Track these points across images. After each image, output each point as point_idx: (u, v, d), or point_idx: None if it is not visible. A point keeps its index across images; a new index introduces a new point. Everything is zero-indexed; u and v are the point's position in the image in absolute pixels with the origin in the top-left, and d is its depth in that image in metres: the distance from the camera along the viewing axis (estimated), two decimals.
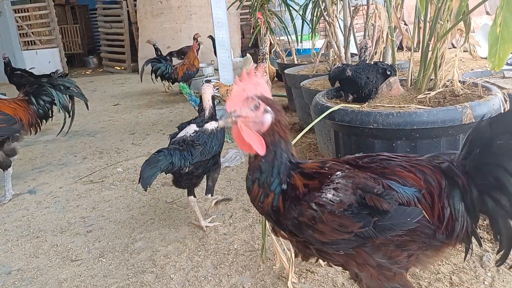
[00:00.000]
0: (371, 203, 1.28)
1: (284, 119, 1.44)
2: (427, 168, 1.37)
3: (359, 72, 2.66)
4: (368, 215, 1.29)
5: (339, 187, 1.32)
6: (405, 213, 1.29)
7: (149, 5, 10.79)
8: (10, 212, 3.26)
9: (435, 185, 1.34)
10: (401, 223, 1.29)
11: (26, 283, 2.32)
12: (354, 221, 1.29)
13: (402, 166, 1.37)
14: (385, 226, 1.29)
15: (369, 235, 1.30)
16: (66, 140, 5.23)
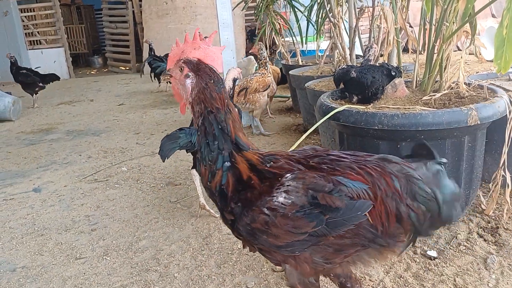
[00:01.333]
0: (323, 202, 1.29)
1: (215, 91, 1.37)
2: (375, 171, 1.38)
3: (364, 73, 2.66)
4: (320, 213, 1.29)
5: (290, 190, 1.31)
6: (355, 207, 1.30)
7: (154, 5, 10.82)
8: (15, 210, 3.27)
9: (383, 188, 1.35)
10: (352, 217, 1.30)
11: (31, 280, 2.33)
12: (307, 221, 1.29)
13: (351, 168, 1.37)
14: (337, 222, 1.30)
15: (323, 233, 1.30)
16: (71, 139, 5.25)
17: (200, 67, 1.38)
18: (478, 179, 2.51)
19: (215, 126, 1.37)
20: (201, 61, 1.39)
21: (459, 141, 2.28)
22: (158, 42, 10.52)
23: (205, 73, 1.38)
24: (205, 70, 1.38)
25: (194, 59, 1.39)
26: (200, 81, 1.37)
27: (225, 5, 4.94)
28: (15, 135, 5.72)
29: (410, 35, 3.10)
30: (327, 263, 1.37)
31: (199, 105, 1.38)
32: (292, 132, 4.77)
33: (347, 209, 1.29)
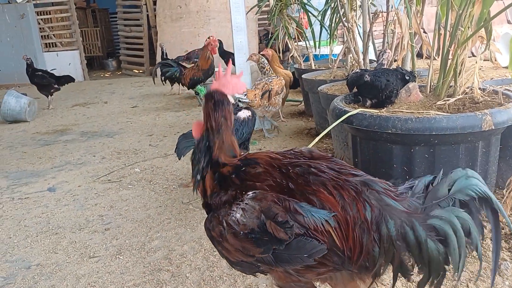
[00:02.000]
0: (270, 230, 1.26)
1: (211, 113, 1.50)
2: (349, 194, 1.29)
3: (378, 76, 2.67)
4: (268, 242, 1.27)
5: (246, 209, 1.30)
6: (305, 247, 1.23)
7: (168, 9, 10.91)
8: (30, 209, 3.32)
9: (353, 214, 1.26)
10: (297, 257, 1.24)
11: (45, 278, 2.36)
12: (255, 245, 1.29)
13: (325, 186, 1.30)
14: (282, 257, 1.27)
15: (269, 262, 1.28)
16: (85, 140, 5.32)
17: (209, 93, 1.55)
18: (492, 185, 2.49)
19: (204, 142, 1.51)
20: (214, 89, 1.55)
21: (473, 146, 2.27)
22: (171, 45, 10.60)
23: (209, 97, 1.53)
24: (211, 94, 1.54)
25: (212, 89, 1.57)
26: (205, 104, 1.54)
27: (239, 9, 4.97)
28: (31, 136, 5.80)
29: (425, 40, 3.10)
30: (300, 277, 1.35)
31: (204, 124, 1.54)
32: (304, 136, 4.77)
33: (296, 246, 1.24)
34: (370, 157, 2.51)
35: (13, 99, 6.57)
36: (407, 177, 2.32)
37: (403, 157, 2.34)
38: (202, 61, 6.89)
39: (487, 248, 2.28)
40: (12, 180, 4.03)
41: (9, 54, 11.01)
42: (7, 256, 2.64)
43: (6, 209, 3.34)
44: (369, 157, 2.51)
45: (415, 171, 2.32)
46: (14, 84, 10.58)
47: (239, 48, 5.10)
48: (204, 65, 6.84)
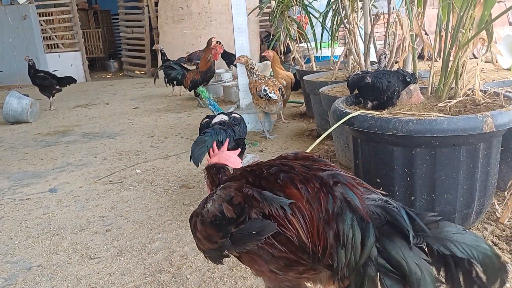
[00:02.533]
0: (225, 212, 1.32)
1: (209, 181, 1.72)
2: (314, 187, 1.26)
3: (379, 77, 2.66)
4: (228, 225, 1.31)
5: (215, 198, 1.38)
6: (255, 226, 1.26)
7: (170, 11, 10.94)
8: (31, 209, 3.33)
9: (316, 206, 1.23)
10: (248, 236, 1.27)
11: (46, 279, 2.37)
12: (216, 230, 1.35)
13: (292, 181, 1.29)
14: (237, 237, 1.30)
15: (228, 246, 1.33)
16: (86, 142, 5.33)
17: (208, 167, 1.73)
18: (493, 187, 2.49)
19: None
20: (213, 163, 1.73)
21: (474, 148, 2.27)
22: (173, 46, 10.64)
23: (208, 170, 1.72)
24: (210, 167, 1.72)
25: (211, 163, 1.75)
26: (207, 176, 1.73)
27: (240, 11, 4.98)
28: (32, 137, 5.82)
29: (426, 42, 3.09)
30: (283, 275, 1.35)
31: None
32: (305, 138, 4.77)
33: (249, 226, 1.27)
34: (371, 159, 2.51)
35: (15, 100, 6.59)
36: (407, 179, 2.33)
37: (404, 159, 2.33)
38: (202, 63, 6.90)
39: None
40: (13, 181, 4.04)
41: (11, 55, 11.05)
42: (8, 257, 2.64)
43: (7, 210, 3.35)
44: (370, 159, 2.51)
45: (416, 173, 2.32)
46: (16, 85, 10.60)
47: (240, 50, 5.11)
48: (203, 67, 6.84)
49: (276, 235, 1.26)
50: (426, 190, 2.34)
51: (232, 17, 5.01)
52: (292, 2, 5.70)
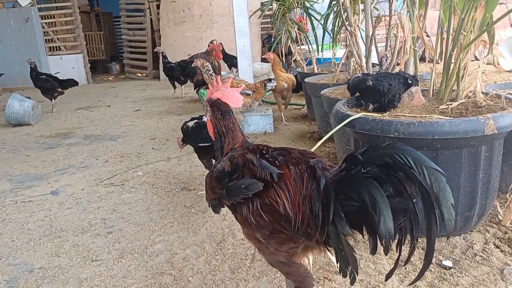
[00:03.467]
0: (225, 168, 1.61)
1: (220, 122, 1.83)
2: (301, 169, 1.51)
3: (380, 80, 2.66)
4: (224, 178, 1.59)
5: (224, 159, 1.68)
6: (245, 182, 1.52)
7: (172, 13, 10.96)
8: (33, 212, 3.33)
9: (299, 185, 1.47)
10: (239, 188, 1.52)
11: (48, 281, 2.37)
12: (217, 183, 1.62)
13: (286, 163, 1.54)
14: (231, 189, 1.55)
15: (224, 196, 1.58)
16: (88, 144, 5.34)
17: (214, 103, 1.86)
18: (495, 189, 2.49)
19: (219, 144, 1.85)
20: (218, 99, 1.86)
21: (476, 150, 2.27)
22: (174, 49, 10.66)
23: (215, 108, 1.85)
24: (216, 105, 1.85)
25: (214, 98, 1.87)
26: (212, 113, 1.86)
27: (242, 13, 4.99)
28: (34, 139, 5.83)
29: (427, 44, 3.09)
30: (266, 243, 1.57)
31: (214, 129, 1.87)
32: (307, 140, 4.77)
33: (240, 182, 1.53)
34: None
35: (17, 103, 6.60)
36: None
37: None
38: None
39: (490, 253, 2.27)
40: (15, 183, 4.05)
41: (13, 57, 11.08)
42: (10, 259, 2.64)
43: (9, 212, 3.36)
44: None
45: None
46: (18, 88, 10.63)
47: (242, 52, 5.13)
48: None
49: (263, 205, 1.51)
50: None
51: (234, 19, 5.03)
52: (294, 4, 5.72)
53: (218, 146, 1.85)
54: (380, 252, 2.30)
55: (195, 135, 3.24)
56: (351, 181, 1.32)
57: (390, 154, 1.25)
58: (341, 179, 1.36)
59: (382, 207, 1.21)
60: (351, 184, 1.31)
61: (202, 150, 3.28)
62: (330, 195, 1.36)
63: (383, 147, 1.30)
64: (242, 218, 1.61)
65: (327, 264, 2.28)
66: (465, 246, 2.37)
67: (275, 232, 1.52)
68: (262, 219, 1.51)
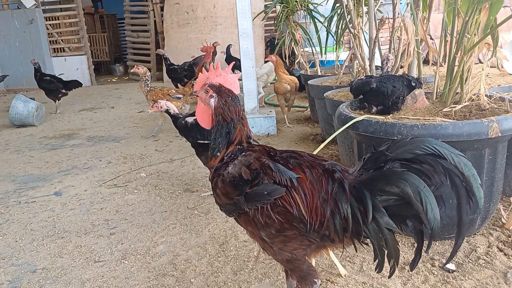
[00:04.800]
0: (242, 174, 1.55)
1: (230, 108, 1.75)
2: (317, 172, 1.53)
3: (384, 82, 2.66)
4: (244, 185, 1.54)
5: (236, 163, 1.61)
6: (267, 188, 1.50)
7: (175, 15, 10.99)
8: (36, 212, 3.34)
9: (317, 187, 1.50)
10: (260, 195, 1.50)
11: (50, 282, 2.37)
12: (234, 189, 1.57)
13: (300, 166, 1.55)
14: (251, 196, 1.53)
15: (242, 203, 1.55)
16: (91, 145, 5.35)
17: (221, 89, 1.77)
18: (498, 193, 2.48)
19: (224, 130, 1.75)
20: (221, 85, 1.79)
21: (480, 153, 2.26)
22: (178, 51, 10.68)
23: (224, 94, 1.77)
24: (225, 91, 1.77)
25: (217, 83, 1.79)
26: (221, 99, 1.76)
27: (246, 15, 5.00)
28: (38, 140, 5.85)
29: (431, 47, 3.09)
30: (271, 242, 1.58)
31: (218, 116, 1.77)
32: (310, 142, 4.77)
33: (262, 188, 1.51)
34: None
35: (21, 104, 6.62)
36: None
37: None
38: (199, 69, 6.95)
39: (494, 257, 2.26)
40: (19, 184, 4.06)
41: (17, 59, 11.13)
42: (13, 259, 2.65)
43: (12, 213, 3.36)
44: None
45: None
46: (22, 89, 10.68)
47: (245, 54, 5.13)
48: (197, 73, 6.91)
49: (274, 207, 1.51)
50: None
51: (237, 21, 5.03)
52: (297, 6, 5.72)
53: (223, 132, 1.75)
54: None
55: (195, 132, 3.24)
56: (388, 177, 1.36)
57: (418, 147, 1.33)
58: (373, 176, 1.40)
59: (427, 196, 1.28)
60: (389, 180, 1.35)
61: (200, 147, 3.29)
62: (364, 194, 1.39)
63: (407, 142, 1.36)
64: (247, 218, 1.61)
65: (330, 267, 2.27)
66: (469, 249, 2.36)
67: (281, 230, 1.53)
68: (271, 219, 1.53)
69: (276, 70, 5.43)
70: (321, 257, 2.34)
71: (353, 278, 2.17)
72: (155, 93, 5.41)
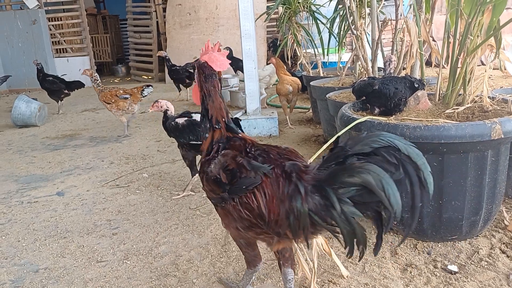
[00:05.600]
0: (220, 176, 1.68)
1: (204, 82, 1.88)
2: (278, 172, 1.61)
3: (386, 84, 2.66)
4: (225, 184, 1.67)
5: (216, 162, 1.73)
6: (245, 182, 1.61)
7: (178, 16, 11.00)
8: (39, 212, 3.35)
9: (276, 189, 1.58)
10: (239, 189, 1.63)
11: (53, 282, 2.38)
12: (218, 186, 1.71)
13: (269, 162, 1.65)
14: (232, 190, 1.65)
15: (226, 197, 1.68)
16: (94, 146, 5.36)
17: (200, 65, 1.90)
18: (501, 194, 2.47)
19: (204, 106, 1.89)
20: (205, 62, 1.89)
21: (482, 155, 2.26)
22: (180, 52, 10.69)
23: (200, 69, 1.89)
24: (202, 67, 1.89)
25: (202, 61, 1.90)
26: (200, 75, 1.90)
27: (248, 16, 5.00)
28: (40, 140, 5.86)
29: (434, 48, 3.09)
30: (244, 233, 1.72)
31: (200, 92, 1.91)
32: (312, 143, 4.77)
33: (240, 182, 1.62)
34: None
35: (23, 104, 6.64)
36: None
37: None
38: None
39: (496, 258, 2.26)
40: (21, 184, 4.07)
41: (20, 59, 11.15)
42: (15, 259, 2.66)
43: (15, 213, 3.37)
44: None
45: None
46: (25, 89, 10.70)
47: (247, 55, 5.13)
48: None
49: (243, 203, 1.63)
50: (433, 196, 2.33)
51: (240, 22, 5.03)
52: (300, 8, 5.72)
53: (203, 109, 1.90)
54: (385, 256, 2.30)
55: (187, 132, 3.28)
56: (349, 169, 1.42)
57: (375, 140, 1.42)
58: (335, 171, 1.47)
59: (388, 183, 1.35)
60: (351, 172, 1.41)
61: (187, 146, 3.35)
62: (326, 191, 1.46)
63: (364, 137, 1.45)
64: (223, 212, 1.76)
65: (332, 268, 2.27)
66: (471, 251, 2.36)
67: (252, 226, 1.66)
68: (242, 213, 1.65)
69: (277, 72, 5.44)
70: (323, 258, 2.34)
71: (355, 279, 2.17)
72: (105, 94, 5.65)
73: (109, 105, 5.61)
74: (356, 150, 1.44)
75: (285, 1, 5.71)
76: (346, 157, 1.45)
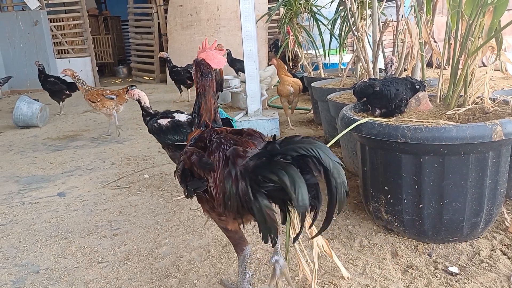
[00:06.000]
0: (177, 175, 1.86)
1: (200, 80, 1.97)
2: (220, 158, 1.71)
3: (387, 85, 2.66)
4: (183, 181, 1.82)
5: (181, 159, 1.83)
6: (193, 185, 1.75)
7: (179, 17, 11.02)
8: (40, 213, 3.35)
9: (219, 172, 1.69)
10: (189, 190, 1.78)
11: (54, 282, 2.38)
12: (181, 182, 1.84)
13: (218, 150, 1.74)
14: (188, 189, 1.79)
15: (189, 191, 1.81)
16: (95, 146, 5.36)
17: (197, 62, 1.98)
18: (502, 196, 2.47)
19: (197, 103, 1.99)
20: (202, 59, 1.96)
21: (483, 156, 2.26)
22: (182, 53, 10.70)
23: (198, 67, 1.97)
24: (199, 65, 1.97)
25: (199, 58, 1.97)
26: (197, 72, 1.98)
27: (249, 18, 5.00)
28: (42, 141, 5.87)
29: (435, 49, 3.09)
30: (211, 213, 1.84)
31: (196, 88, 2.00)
32: None
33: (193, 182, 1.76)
34: (379, 166, 2.50)
35: (25, 105, 6.65)
36: (416, 187, 2.33)
37: (412, 167, 2.33)
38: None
39: (497, 260, 2.25)
40: (22, 184, 4.08)
41: (22, 60, 11.18)
42: (16, 260, 2.66)
43: (16, 214, 3.38)
44: (378, 166, 2.50)
45: (424, 181, 2.31)
46: (26, 90, 10.72)
47: (249, 56, 5.13)
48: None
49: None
50: (434, 198, 2.33)
51: (241, 23, 5.04)
52: (301, 9, 5.73)
53: (196, 106, 1.99)
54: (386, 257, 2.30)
55: (173, 134, 3.33)
56: (272, 166, 1.51)
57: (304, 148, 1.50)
58: (260, 164, 1.57)
59: (301, 187, 1.44)
60: (272, 169, 1.50)
61: (172, 147, 3.39)
62: (246, 180, 1.57)
63: (298, 141, 1.54)
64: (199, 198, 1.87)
65: (333, 269, 2.27)
66: (472, 252, 2.36)
67: (214, 207, 1.78)
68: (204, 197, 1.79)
69: (278, 73, 5.44)
70: (324, 259, 2.34)
71: (356, 280, 2.17)
72: (91, 93, 5.68)
73: (94, 104, 5.68)
74: (286, 151, 1.53)
75: (287, 2, 5.72)
76: (276, 154, 1.54)
